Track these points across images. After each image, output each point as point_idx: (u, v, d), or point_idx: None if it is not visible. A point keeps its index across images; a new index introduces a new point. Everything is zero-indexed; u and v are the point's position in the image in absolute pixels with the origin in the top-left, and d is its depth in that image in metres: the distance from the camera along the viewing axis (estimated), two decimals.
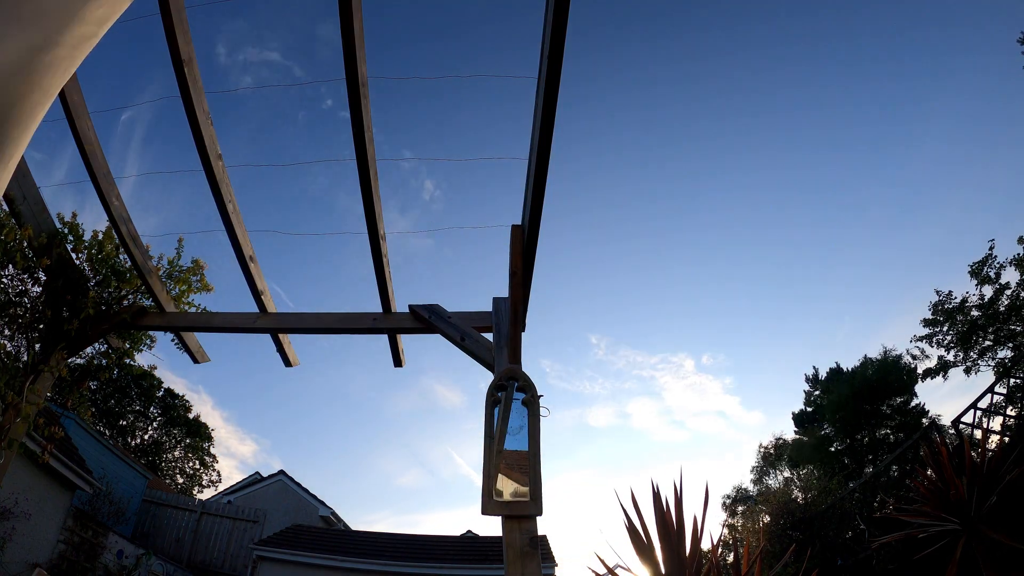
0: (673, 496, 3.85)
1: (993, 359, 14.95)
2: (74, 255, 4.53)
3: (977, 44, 17.49)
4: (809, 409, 22.53)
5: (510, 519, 3.03)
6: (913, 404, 18.68)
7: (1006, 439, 7.51)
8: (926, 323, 16.16)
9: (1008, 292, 13.93)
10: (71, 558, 9.77)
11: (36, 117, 0.85)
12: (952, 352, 15.76)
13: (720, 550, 9.44)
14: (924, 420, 17.68)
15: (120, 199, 4.24)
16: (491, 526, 27.87)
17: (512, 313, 3.80)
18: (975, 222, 21.25)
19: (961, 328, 15.18)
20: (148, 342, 5.30)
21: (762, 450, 22.45)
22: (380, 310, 4.37)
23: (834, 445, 19.88)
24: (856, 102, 19.52)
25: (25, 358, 4.14)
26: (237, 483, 18.39)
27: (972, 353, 15.30)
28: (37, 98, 0.83)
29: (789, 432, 23.10)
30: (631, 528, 3.83)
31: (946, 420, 14.61)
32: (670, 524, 3.76)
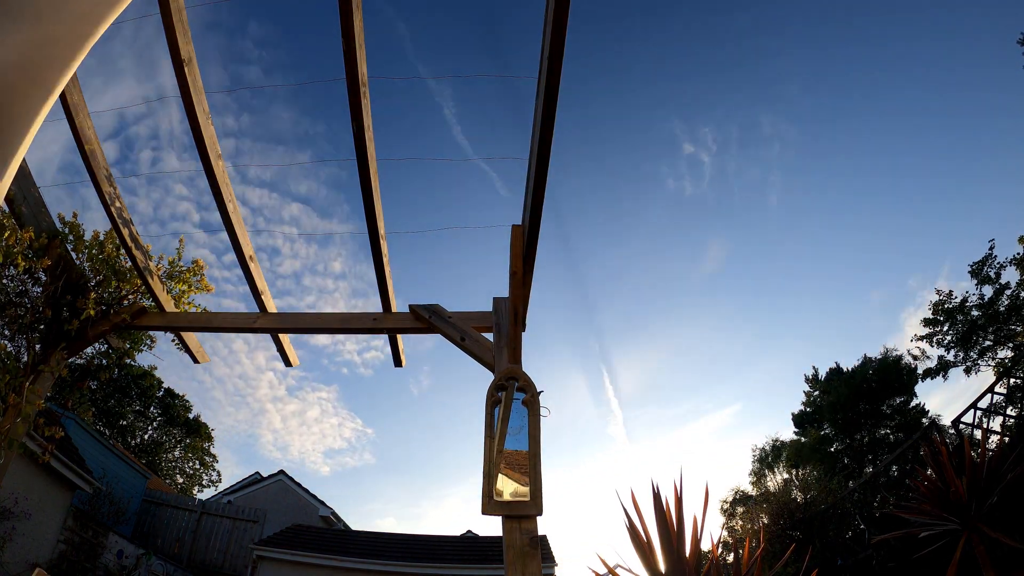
0: (673, 496, 3.85)
1: (993, 359, 14.96)
2: (74, 255, 4.53)
3: (977, 44, 17.48)
4: (808, 409, 22.53)
5: (510, 519, 3.03)
6: (913, 404, 18.68)
7: (1006, 439, 7.51)
8: (926, 323, 16.17)
9: (1008, 292, 13.93)
10: (71, 558, 9.77)
11: (38, 116, 0.85)
12: (952, 352, 15.77)
13: (720, 550, 9.45)
14: (924, 420, 17.68)
15: (120, 199, 4.24)
16: (491, 526, 27.89)
17: (512, 313, 3.80)
18: (975, 222, 21.26)
19: (961, 328, 15.18)
20: (148, 342, 5.31)
21: (758, 451, 22.45)
22: (380, 310, 4.37)
23: (834, 445, 19.89)
24: (855, 103, 19.52)
25: (25, 358, 4.14)
26: (237, 483, 18.39)
27: (972, 353, 15.30)
28: (39, 96, 0.83)
29: (787, 433, 23.12)
30: (631, 528, 3.83)
31: (946, 420, 14.61)
32: (670, 524, 3.76)
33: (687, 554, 3.68)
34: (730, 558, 11.43)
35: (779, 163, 19.61)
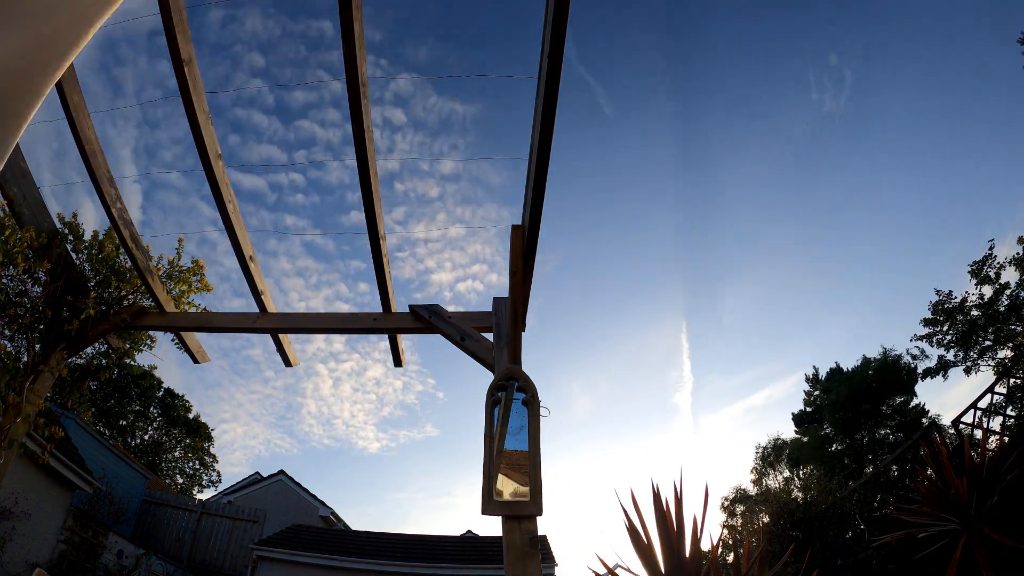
0: (673, 496, 3.85)
1: (993, 359, 14.96)
2: (74, 255, 4.53)
3: (977, 43, 17.48)
4: (809, 409, 22.53)
5: (510, 519, 3.03)
6: (913, 404, 18.68)
7: (1006, 439, 7.51)
8: (926, 323, 16.17)
9: (1008, 292, 13.94)
10: (71, 558, 9.77)
11: (25, 120, 0.85)
12: (952, 352, 15.77)
13: (720, 550, 9.45)
14: (924, 420, 17.68)
15: (120, 199, 4.24)
16: (491, 526, 27.74)
17: (512, 313, 3.80)
18: (975, 222, 21.26)
19: (961, 328, 15.19)
20: (148, 342, 5.30)
21: (760, 450, 22.44)
22: (380, 310, 4.38)
23: (834, 445, 19.89)
24: (851, 105, 19.51)
25: (25, 358, 4.14)
26: (237, 483, 18.39)
27: (972, 353, 15.31)
28: (27, 100, 0.83)
29: (788, 432, 23.10)
30: (631, 528, 3.83)
31: (946, 420, 14.61)
32: (670, 524, 3.76)
33: (687, 554, 3.67)
34: (730, 557, 11.43)
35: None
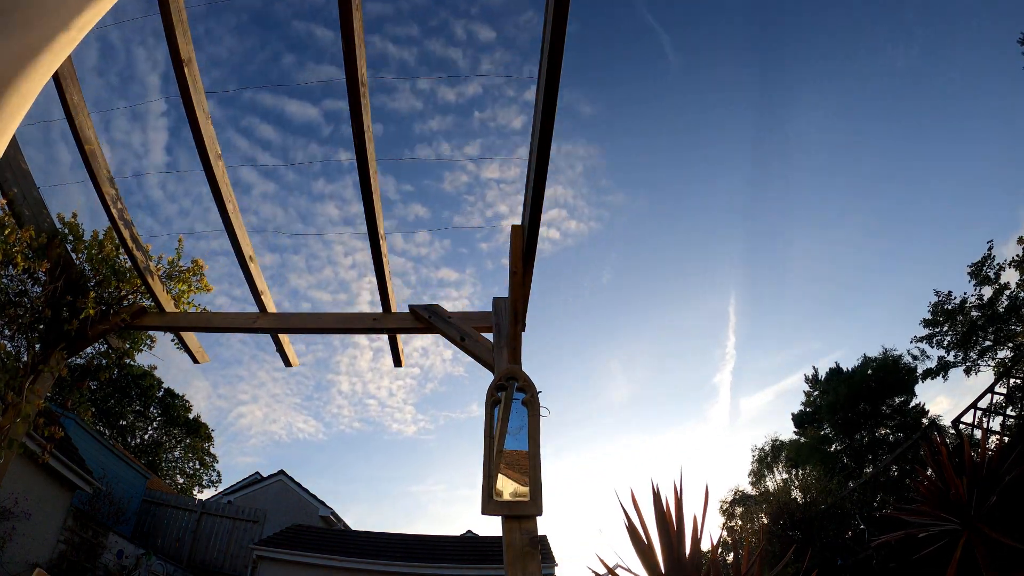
0: (673, 496, 3.85)
1: (993, 359, 14.97)
2: (74, 255, 4.53)
3: (976, 42, 17.47)
4: (808, 409, 22.52)
5: (510, 519, 3.03)
6: (913, 404, 18.68)
7: (1006, 439, 7.51)
8: (926, 323, 16.18)
9: (1008, 292, 13.94)
10: (71, 558, 9.77)
11: (14, 123, 0.86)
12: (952, 352, 15.78)
13: (720, 550, 9.45)
14: (924, 420, 17.68)
15: (120, 199, 4.24)
16: (491, 526, 27.60)
17: (512, 313, 3.80)
18: (975, 221, 21.25)
19: (961, 328, 15.19)
20: (148, 342, 5.31)
21: (757, 451, 22.42)
22: (380, 310, 4.38)
23: (833, 445, 19.89)
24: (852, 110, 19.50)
25: (25, 358, 4.14)
26: (237, 483, 18.39)
27: (972, 353, 15.31)
28: (17, 104, 0.84)
29: (786, 433, 23.07)
30: (631, 528, 3.83)
31: (946, 420, 14.62)
32: (670, 524, 3.76)
33: (687, 554, 3.68)
34: (730, 558, 11.42)
35: None
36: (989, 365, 14.99)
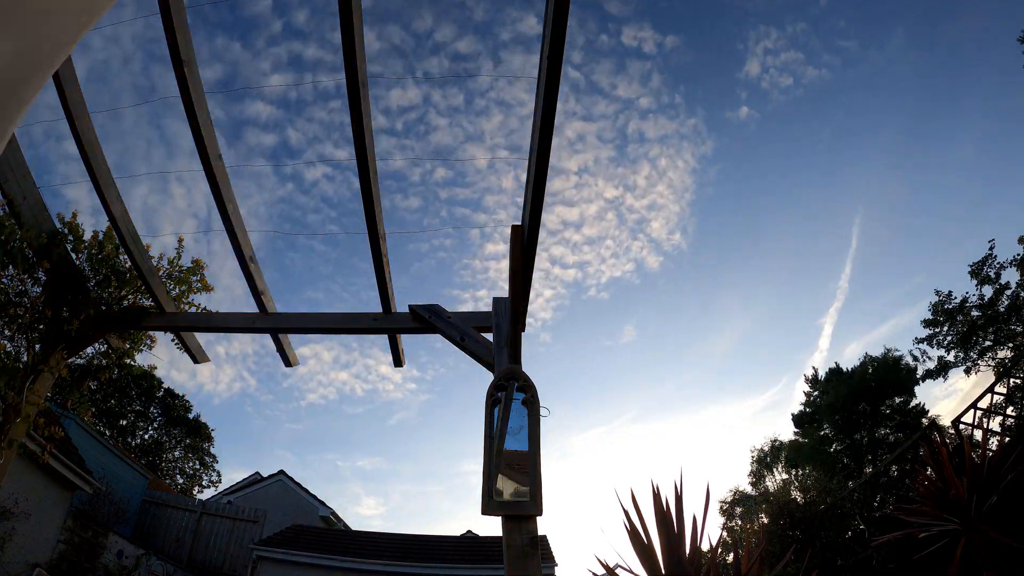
0: (673, 496, 3.85)
1: (993, 359, 14.97)
2: (74, 255, 4.53)
3: (976, 42, 17.45)
4: (808, 409, 22.52)
5: (510, 519, 3.03)
6: (913, 404, 18.68)
7: (1006, 439, 7.51)
8: (926, 324, 16.18)
9: (1008, 292, 13.94)
10: (71, 558, 9.77)
11: (13, 123, 0.86)
12: (952, 353, 15.78)
13: (720, 551, 9.44)
14: (924, 420, 17.68)
15: (120, 199, 4.24)
16: (491, 526, 27.59)
17: (512, 313, 3.80)
18: (975, 221, 21.20)
19: (961, 328, 15.19)
20: (148, 342, 5.30)
21: (756, 452, 22.41)
22: (380, 310, 4.38)
23: (833, 445, 19.88)
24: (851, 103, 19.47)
25: (25, 358, 4.14)
26: (237, 483, 18.39)
27: (972, 353, 15.31)
28: (14, 107, 0.84)
29: (786, 433, 23.06)
30: (631, 528, 3.83)
31: (946, 420, 14.62)
32: (670, 524, 3.76)
33: (687, 554, 3.68)
34: (729, 558, 11.42)
35: None
36: (989, 365, 15.00)
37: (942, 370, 16.04)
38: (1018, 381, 11.92)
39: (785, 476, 19.97)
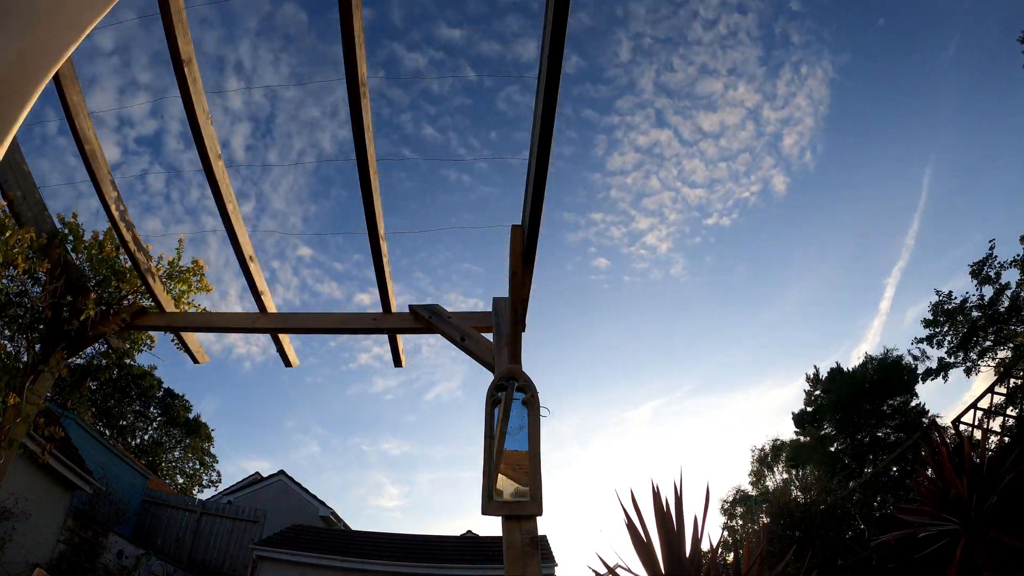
0: (673, 496, 3.85)
1: (993, 359, 14.96)
2: (74, 255, 4.53)
3: (976, 42, 17.45)
4: (809, 409, 22.52)
5: (510, 519, 3.03)
6: (913, 404, 18.67)
7: (1006, 439, 7.51)
8: (927, 324, 16.18)
9: (1008, 292, 13.94)
10: (71, 558, 9.77)
11: (15, 122, 0.86)
12: (952, 353, 15.77)
13: (720, 551, 9.44)
14: (924, 420, 17.67)
15: (120, 199, 4.24)
16: (491, 526, 27.54)
17: (512, 313, 3.80)
18: (975, 221, 21.21)
19: (961, 329, 15.19)
20: (148, 342, 5.30)
21: (757, 452, 22.42)
22: (380, 310, 4.38)
23: (834, 445, 19.88)
24: (854, 104, 19.47)
25: (25, 358, 4.14)
26: (237, 483, 18.39)
27: (972, 354, 15.31)
28: (18, 105, 0.84)
29: (787, 433, 23.06)
30: (631, 528, 3.83)
31: (946, 420, 14.61)
32: (670, 524, 3.76)
33: (687, 553, 3.67)
34: (729, 558, 11.43)
35: None
36: (989, 365, 14.99)
37: (942, 370, 16.03)
38: (1018, 381, 11.92)
39: (785, 476, 19.97)
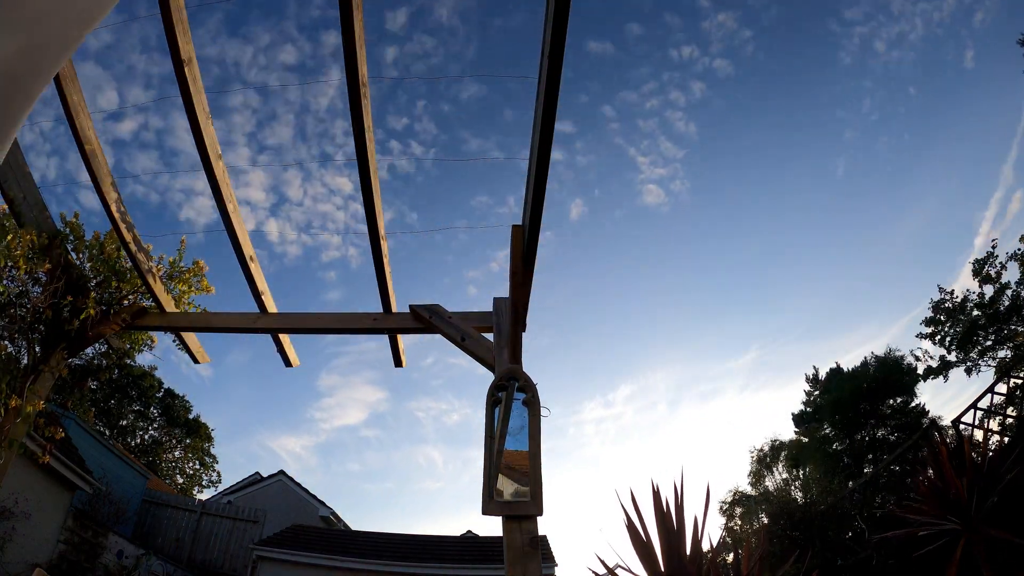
0: (673, 496, 3.85)
1: (993, 359, 14.96)
2: (75, 255, 4.53)
3: (976, 41, 17.46)
4: (809, 409, 22.53)
5: (510, 519, 3.03)
6: (913, 404, 18.67)
7: (1006, 439, 7.51)
8: (927, 322, 16.18)
9: (1009, 292, 13.94)
10: (71, 558, 9.77)
11: (17, 124, 0.86)
12: (953, 352, 15.78)
13: (720, 551, 9.44)
14: (924, 420, 17.68)
15: (120, 199, 4.24)
16: (491, 526, 27.53)
17: (512, 313, 3.80)
18: (974, 221, 21.21)
19: (962, 328, 15.19)
20: (148, 343, 5.30)
21: (756, 452, 22.40)
22: (380, 310, 4.38)
23: (834, 445, 19.87)
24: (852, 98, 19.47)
25: (26, 359, 4.14)
26: (237, 483, 18.39)
27: (973, 353, 15.31)
28: (20, 104, 0.84)
29: (786, 433, 23.05)
30: (631, 528, 3.84)
31: (946, 420, 14.61)
32: (670, 524, 3.76)
33: (687, 554, 3.68)
34: (729, 558, 11.43)
35: None
36: (990, 365, 14.99)
37: (943, 369, 16.04)
38: (1018, 381, 11.92)
39: (785, 476, 19.97)
